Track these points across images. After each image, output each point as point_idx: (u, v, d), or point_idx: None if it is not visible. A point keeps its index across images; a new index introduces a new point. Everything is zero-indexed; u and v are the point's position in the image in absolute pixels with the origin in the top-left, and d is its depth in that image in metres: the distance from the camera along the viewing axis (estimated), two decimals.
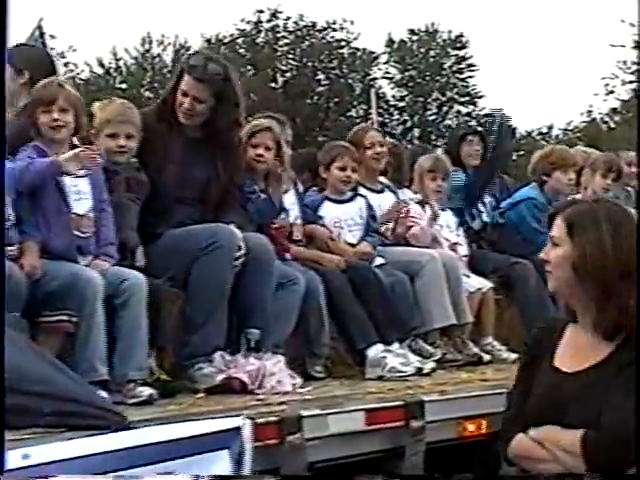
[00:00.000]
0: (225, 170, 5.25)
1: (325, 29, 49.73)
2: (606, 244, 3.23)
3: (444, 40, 51.29)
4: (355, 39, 49.92)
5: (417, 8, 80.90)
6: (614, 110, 49.92)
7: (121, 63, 49.99)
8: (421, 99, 51.57)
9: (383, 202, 6.54)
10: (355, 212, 6.24)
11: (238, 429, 3.90)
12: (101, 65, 49.38)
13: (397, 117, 51.39)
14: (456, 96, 51.89)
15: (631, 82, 48.98)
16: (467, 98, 51.79)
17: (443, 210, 6.45)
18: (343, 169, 6.17)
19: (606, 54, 62.99)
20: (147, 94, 47.23)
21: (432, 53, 51.37)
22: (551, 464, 3.23)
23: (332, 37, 50.03)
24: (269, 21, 49.50)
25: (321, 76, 50.33)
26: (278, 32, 49.84)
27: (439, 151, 7.49)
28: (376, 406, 4.62)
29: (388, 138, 7.98)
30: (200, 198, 5.27)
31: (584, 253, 3.24)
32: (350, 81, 50.50)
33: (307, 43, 49.97)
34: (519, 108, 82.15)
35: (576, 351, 3.35)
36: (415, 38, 51.46)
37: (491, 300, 6.24)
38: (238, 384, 4.81)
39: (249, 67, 49.44)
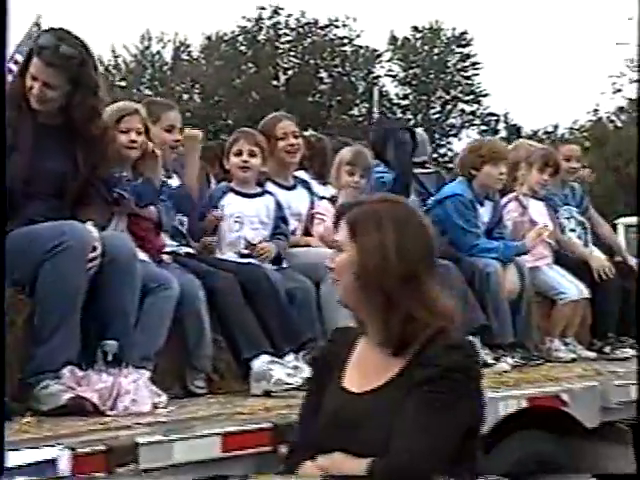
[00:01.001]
0: (85, 162, 4.64)
1: (327, 26, 49.50)
2: (388, 247, 2.89)
3: (448, 38, 51.07)
4: (358, 36, 49.76)
5: (421, 5, 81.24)
6: (621, 109, 49.57)
7: (120, 60, 49.72)
8: (424, 97, 51.28)
9: (293, 199, 5.98)
10: (261, 209, 5.66)
11: (53, 461, 3.38)
12: (100, 62, 48.99)
13: (400, 115, 50.93)
14: (460, 94, 51.63)
15: (638, 80, 48.71)
16: (471, 97, 51.57)
17: None
18: (239, 154, 5.61)
19: (613, 52, 62.48)
20: (147, 92, 46.88)
21: (436, 51, 51.13)
22: None
23: (334, 34, 49.77)
24: (270, 18, 49.21)
25: (323, 74, 50.13)
26: (280, 29, 49.56)
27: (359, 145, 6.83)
28: (235, 429, 4.06)
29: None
30: (55, 193, 4.64)
31: (365, 257, 2.90)
32: (353, 79, 50.32)
33: (309, 40, 49.73)
34: (524, 107, 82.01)
35: (366, 367, 2.98)
36: (419, 35, 51.23)
37: None
38: (88, 404, 4.22)
39: (250, 65, 49.33)
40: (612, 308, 6.77)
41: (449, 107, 51.79)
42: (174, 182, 5.48)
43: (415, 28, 51.12)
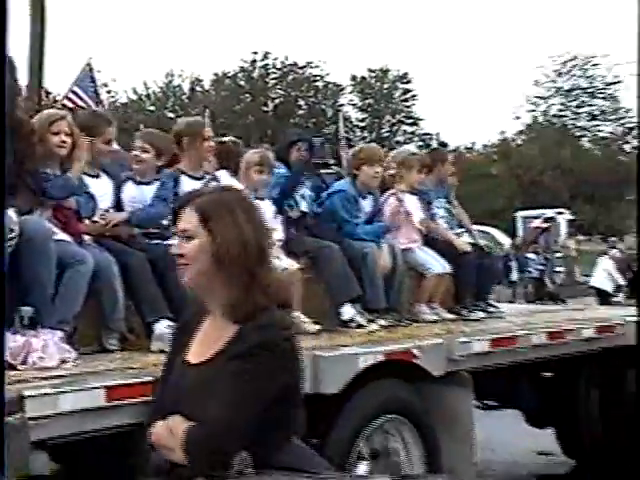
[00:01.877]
0: (15, 158, 4.13)
1: (304, 67, 49.11)
2: (244, 230, 2.46)
3: (394, 76, 50.64)
4: (327, 75, 49.49)
5: (374, 52, 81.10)
6: (521, 132, 49.48)
7: (150, 91, 48.98)
8: (377, 120, 50.87)
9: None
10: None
11: None
12: (135, 93, 48.45)
13: (359, 134, 50.49)
14: (403, 119, 51.33)
15: (532, 110, 48.99)
16: (411, 120, 51.13)
17: (262, 200, 5.34)
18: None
19: (516, 89, 61.78)
20: (170, 115, 46.18)
21: (385, 86, 50.76)
22: (176, 454, 2.39)
23: (310, 73, 49.39)
24: (262, 60, 48.68)
25: (302, 102, 49.76)
26: (269, 69, 49.18)
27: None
28: (119, 382, 3.56)
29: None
30: None
31: (224, 241, 2.45)
32: (323, 107, 49.82)
33: (291, 77, 49.39)
34: (451, 128, 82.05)
35: (204, 341, 2.56)
36: (372, 75, 50.76)
37: (298, 278, 5.16)
38: None
39: (247, 95, 48.90)
40: (469, 280, 6.30)
41: (395, 128, 51.36)
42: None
43: (370, 70, 50.75)
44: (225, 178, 5.46)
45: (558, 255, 26.08)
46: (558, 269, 25.30)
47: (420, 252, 6.11)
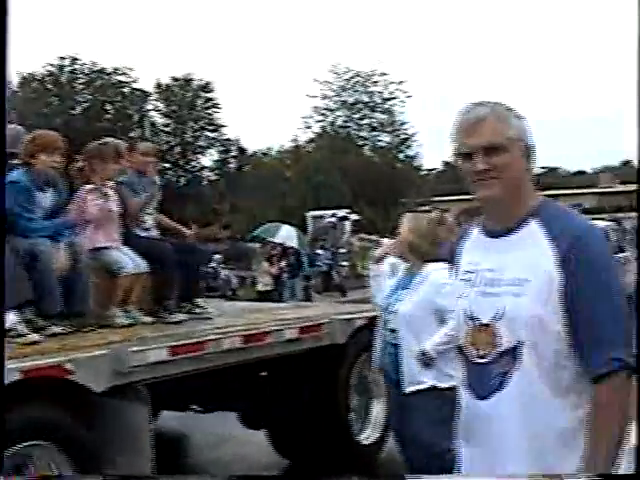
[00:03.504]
0: None
1: (111, 73, 46.60)
2: None
3: (197, 85, 49.11)
4: (134, 82, 47.16)
5: (177, 61, 79.67)
6: (312, 140, 49.71)
7: None
8: (181, 126, 49.04)
9: None
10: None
11: None
12: None
13: (164, 138, 48.71)
14: (206, 125, 49.81)
15: (321, 121, 49.29)
16: (213, 127, 49.81)
17: None
18: None
19: (307, 101, 61.83)
20: None
21: (189, 94, 49.05)
22: None
23: (116, 79, 46.90)
24: (70, 65, 45.80)
25: (109, 107, 47.23)
26: (77, 74, 46.35)
27: None
28: None
29: None
30: None
31: None
32: (130, 112, 47.55)
33: (99, 82, 46.70)
34: (249, 131, 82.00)
35: None
36: (176, 83, 48.98)
37: None
38: None
39: (55, 97, 45.93)
40: (171, 279, 5.36)
41: (198, 134, 49.89)
42: None
43: (174, 78, 48.97)
44: None
45: (343, 251, 26.29)
46: (343, 263, 25.51)
47: (114, 251, 5.11)
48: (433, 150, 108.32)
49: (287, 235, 22.82)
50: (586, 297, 1.95)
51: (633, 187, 42.47)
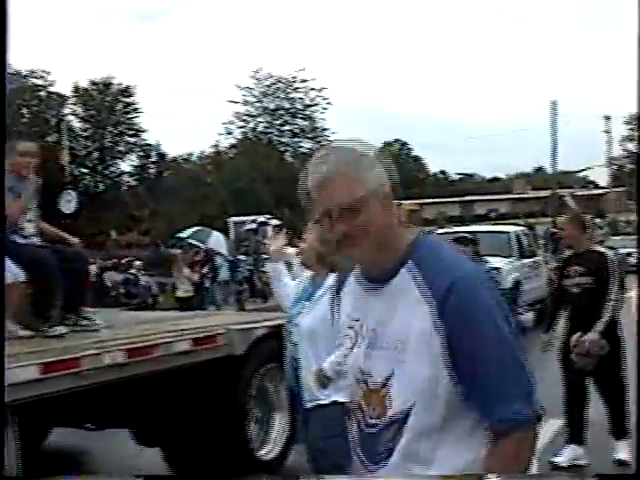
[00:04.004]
0: None
1: (27, 76, 45.10)
2: None
3: (117, 89, 48.10)
4: (51, 85, 45.84)
5: (96, 65, 78.22)
6: (234, 146, 49.35)
7: None
8: (100, 131, 47.92)
9: None
10: None
11: None
12: None
13: (82, 143, 47.49)
14: (125, 130, 48.84)
15: (242, 127, 49.00)
16: (133, 131, 48.88)
17: None
18: None
19: (228, 107, 61.54)
20: None
21: (108, 99, 48.00)
22: None
23: (32, 82, 45.47)
24: None
25: (25, 110, 45.70)
26: None
27: None
28: None
29: None
30: None
31: None
32: (47, 116, 46.13)
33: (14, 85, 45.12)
34: (169, 136, 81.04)
35: None
36: (95, 87, 47.85)
37: None
38: None
39: None
40: (51, 288, 4.91)
41: (117, 138, 48.82)
42: None
43: (93, 82, 47.78)
44: None
45: (265, 256, 25.82)
46: (265, 269, 25.08)
47: None
48: None
49: (217, 241, 22.48)
50: (471, 352, 1.71)
51: (544, 193, 43.55)
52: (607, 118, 47.13)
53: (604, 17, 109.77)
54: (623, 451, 5.53)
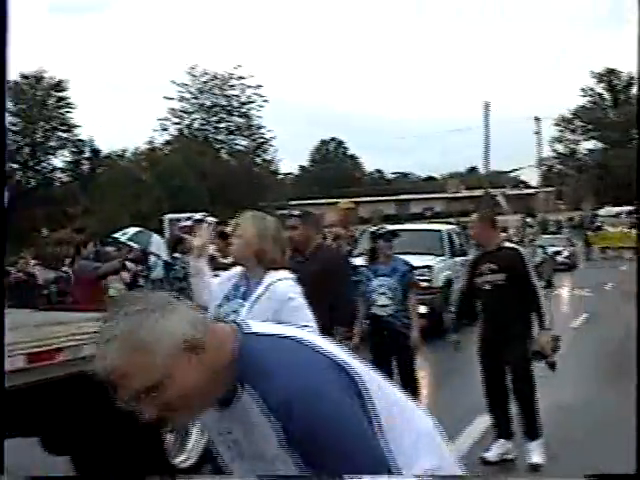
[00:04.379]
0: None
1: None
2: None
3: (48, 84, 46.78)
4: None
5: (27, 58, 76.26)
6: (168, 142, 48.63)
7: None
8: (31, 126, 46.50)
9: None
10: None
11: None
12: None
13: (12, 138, 45.96)
14: (58, 125, 47.54)
15: (178, 124, 48.20)
16: (66, 127, 47.62)
17: None
18: None
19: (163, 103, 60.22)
20: None
21: (40, 93, 46.62)
22: None
23: None
24: None
25: None
26: None
27: None
28: None
29: None
30: None
31: None
32: None
33: None
34: (103, 132, 79.53)
35: None
36: (26, 81, 46.41)
37: None
38: None
39: None
40: None
41: (49, 134, 47.48)
42: None
43: (24, 76, 46.32)
44: None
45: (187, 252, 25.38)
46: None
47: None
48: (290, 155, 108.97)
49: (157, 244, 21.95)
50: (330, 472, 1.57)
51: (478, 192, 44.13)
52: (537, 119, 48.00)
53: (534, 18, 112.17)
54: (536, 453, 5.37)
